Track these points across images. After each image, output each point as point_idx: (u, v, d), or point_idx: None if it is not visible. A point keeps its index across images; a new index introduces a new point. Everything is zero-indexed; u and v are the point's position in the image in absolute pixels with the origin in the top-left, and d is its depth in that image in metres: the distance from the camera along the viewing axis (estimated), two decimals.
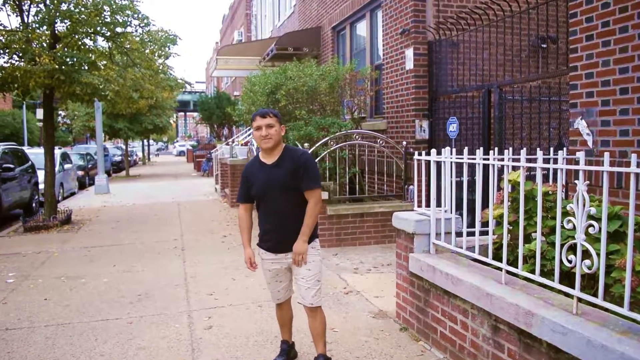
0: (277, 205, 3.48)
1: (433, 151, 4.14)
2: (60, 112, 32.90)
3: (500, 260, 3.38)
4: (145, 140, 42.49)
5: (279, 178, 3.45)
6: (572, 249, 2.82)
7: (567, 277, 3.03)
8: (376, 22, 9.93)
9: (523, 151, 3.26)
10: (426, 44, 8.24)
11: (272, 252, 3.58)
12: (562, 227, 2.89)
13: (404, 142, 8.15)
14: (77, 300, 5.64)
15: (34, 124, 44.32)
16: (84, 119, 23.83)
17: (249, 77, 9.71)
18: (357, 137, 8.05)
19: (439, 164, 4.14)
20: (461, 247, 3.84)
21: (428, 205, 4.25)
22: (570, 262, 2.77)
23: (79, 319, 5.04)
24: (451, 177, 3.97)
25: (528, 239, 3.38)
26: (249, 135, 14.96)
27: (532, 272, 3.16)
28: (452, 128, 7.41)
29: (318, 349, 3.65)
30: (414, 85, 8.23)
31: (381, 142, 8.18)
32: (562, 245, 2.87)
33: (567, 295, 2.88)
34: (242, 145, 13.23)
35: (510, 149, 3.57)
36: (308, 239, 3.49)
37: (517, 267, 3.22)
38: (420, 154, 4.45)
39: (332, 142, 7.83)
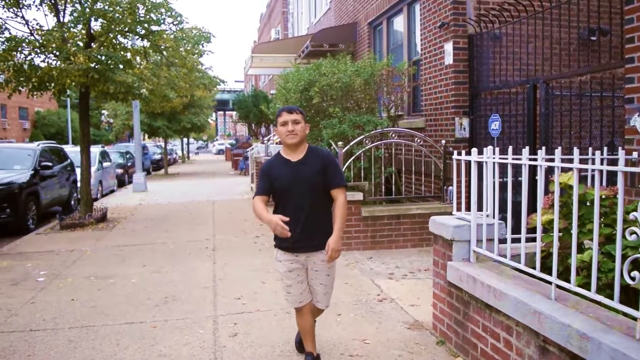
0: (301, 202, 3.43)
1: (474, 150, 3.81)
2: (103, 111, 33.58)
3: (548, 272, 3.04)
4: (184, 139, 43.06)
5: (307, 175, 3.43)
6: (635, 263, 2.46)
7: (625, 291, 2.67)
8: (414, 16, 9.57)
9: (576, 151, 2.91)
10: (466, 38, 7.84)
11: (291, 252, 3.53)
12: (623, 237, 2.53)
13: (443, 141, 7.78)
14: (103, 302, 5.52)
15: (77, 123, 45.51)
16: (124, 118, 24.14)
17: (283, 75, 9.49)
18: (393, 135, 7.73)
19: (480, 165, 3.81)
20: (504, 256, 3.50)
21: (468, 209, 3.92)
22: (633, 279, 2.42)
23: (103, 322, 4.91)
24: (494, 178, 3.63)
25: (579, 248, 3.03)
26: None
27: (585, 286, 2.81)
28: (495, 126, 7.01)
29: (309, 347, 3.70)
30: (453, 81, 7.85)
31: (419, 140, 7.83)
32: (623, 257, 2.52)
33: (626, 314, 2.53)
34: (276, 143, 13.05)
35: (560, 148, 3.21)
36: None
37: (567, 281, 2.87)
38: (460, 154, 4.11)
39: (367, 141, 7.54)
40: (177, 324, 4.80)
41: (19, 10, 9.63)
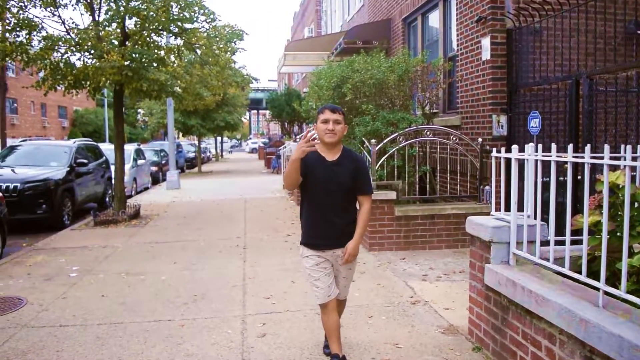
0: (331, 200, 3.51)
1: (514, 148, 3.61)
2: (139, 110, 34.14)
3: (594, 277, 2.83)
4: (218, 138, 43.45)
5: (341, 176, 3.49)
6: None
7: None
8: (450, 11, 9.33)
9: (628, 148, 2.70)
10: (505, 32, 7.57)
11: (318, 250, 3.57)
12: None
13: (480, 139, 7.54)
14: (133, 298, 5.50)
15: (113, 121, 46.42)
16: (158, 116, 24.45)
17: (315, 72, 9.37)
18: (428, 133, 7.53)
19: (521, 163, 3.60)
20: (547, 259, 3.29)
21: (507, 209, 3.72)
22: None
23: (131, 319, 4.88)
24: (535, 177, 3.43)
25: (629, 252, 2.81)
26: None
27: (635, 292, 2.60)
28: (534, 123, 6.73)
29: (334, 348, 3.59)
30: (490, 77, 7.59)
31: (454, 138, 7.61)
32: None
33: None
34: None
35: (607, 145, 2.99)
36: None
37: (615, 287, 2.66)
38: (498, 152, 3.91)
39: (401, 139, 7.36)
40: (205, 322, 4.72)
41: (56, 9, 9.77)
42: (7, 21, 9.03)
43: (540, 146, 3.47)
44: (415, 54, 10.31)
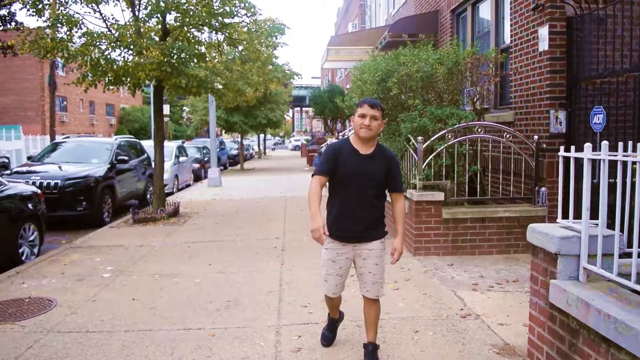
0: (360, 193, 3.50)
1: (587, 146, 3.11)
2: (184, 107, 34.41)
3: None
4: (261, 135, 43.50)
5: (373, 171, 3.51)
6: None
7: None
8: (502, 0, 8.73)
9: None
10: (564, 21, 6.96)
11: (340, 241, 3.57)
12: None
13: (535, 137, 6.96)
14: (164, 303, 5.24)
15: None
16: (201, 113, 24.49)
17: (359, 66, 8.95)
18: (479, 130, 7.00)
19: (578, 163, 3.12)
20: (626, 276, 2.80)
21: (576, 216, 3.23)
22: None
23: (160, 326, 4.60)
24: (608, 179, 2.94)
25: None
26: None
27: None
28: (598, 119, 6.13)
29: (369, 336, 3.70)
30: (548, 70, 7.00)
31: (508, 136, 7.05)
32: None
33: None
34: None
35: None
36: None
37: None
38: (558, 150, 3.42)
39: (450, 136, 6.87)
40: (236, 332, 4.40)
41: (97, 5, 9.68)
42: (47, 17, 8.96)
43: (606, 145, 2.98)
44: (464, 47, 9.75)
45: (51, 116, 28.10)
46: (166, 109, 42.71)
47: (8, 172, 10.85)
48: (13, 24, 10.08)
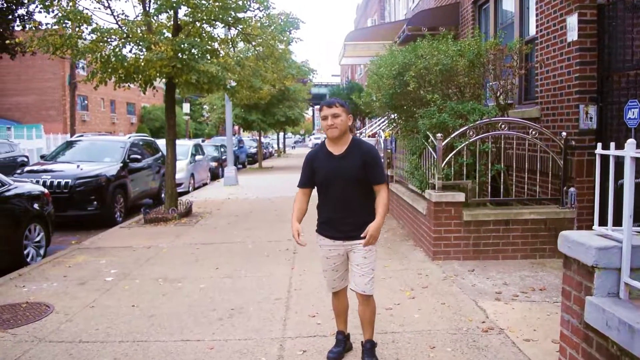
0: (341, 193, 3.54)
1: (631, 142, 2.69)
2: (204, 106, 34.30)
3: None
4: (281, 133, 43.27)
5: (348, 170, 3.51)
6: None
7: None
8: None
9: None
10: (595, 8, 6.47)
11: (331, 239, 3.62)
12: None
13: (564, 133, 6.50)
14: (164, 310, 4.94)
15: (180, 117, 47.31)
16: (219, 111, 24.27)
17: (375, 60, 8.55)
18: (502, 126, 6.56)
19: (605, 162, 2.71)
20: None
21: (615, 222, 2.82)
22: None
23: (157, 337, 4.30)
24: None
25: None
26: (379, 126, 13.85)
27: None
28: (633, 114, 5.66)
29: (365, 335, 3.71)
30: (577, 61, 6.52)
31: (534, 132, 6.59)
32: None
33: None
34: (369, 137, 12.14)
35: None
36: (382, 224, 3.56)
37: None
38: (597, 147, 3.00)
39: (471, 133, 6.43)
40: (237, 345, 4.07)
41: (107, 0, 9.44)
42: (55, 13, 8.74)
43: None
44: (487, 40, 9.28)
45: (71, 115, 28.21)
46: (186, 108, 42.83)
47: (19, 171, 10.67)
48: (31, 23, 9.86)
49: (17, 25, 18.12)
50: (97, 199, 10.08)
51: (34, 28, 8.90)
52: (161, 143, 13.51)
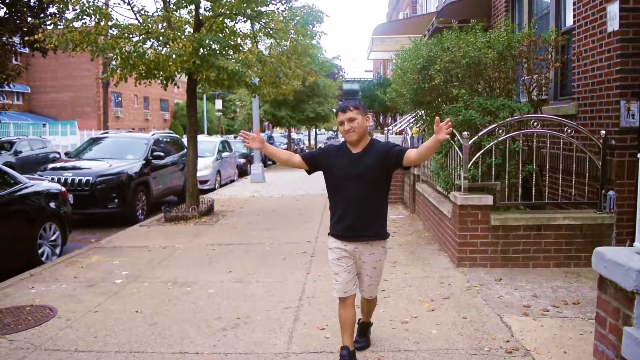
0: (356, 192, 3.47)
1: None
2: (237, 102, 34.31)
3: None
4: (314, 129, 43.02)
5: (363, 167, 3.47)
6: None
7: None
8: None
9: None
10: None
11: (342, 240, 3.54)
12: None
13: (603, 132, 5.99)
14: (168, 318, 4.69)
15: (213, 113, 47.57)
16: (248, 107, 24.17)
17: (399, 53, 8.13)
18: (535, 124, 6.08)
19: None
20: None
21: None
22: None
23: (155, 347, 4.05)
24: None
25: None
26: (406, 123, 13.41)
27: None
28: None
29: (362, 318, 3.89)
30: (619, 53, 5.99)
31: (569, 130, 6.10)
32: None
33: None
34: (396, 134, 11.73)
35: None
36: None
37: None
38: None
39: (500, 131, 5.99)
40: None
41: None
42: (73, 9, 8.62)
43: None
44: (520, 31, 8.75)
45: (104, 111, 28.56)
46: (219, 104, 42.98)
47: (42, 168, 10.65)
48: (54, 19, 9.79)
49: (49, 23, 18.35)
50: (119, 196, 9.96)
51: (52, 25, 8.77)
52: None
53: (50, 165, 10.76)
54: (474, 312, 4.54)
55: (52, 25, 9.01)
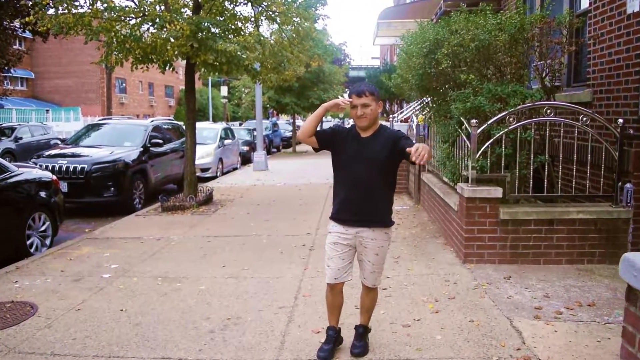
0: (363, 176, 3.41)
1: None
2: (244, 89, 33.96)
3: None
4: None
5: (371, 152, 3.41)
6: None
7: None
8: None
9: None
10: None
11: (343, 225, 3.47)
12: None
13: (620, 120, 5.61)
14: (154, 317, 4.40)
15: (218, 100, 47.25)
16: (252, 94, 23.80)
17: (404, 36, 7.75)
18: (548, 111, 5.71)
19: None
20: None
21: None
22: None
23: (136, 351, 3.76)
24: None
25: None
26: (412, 111, 13.02)
27: None
28: None
29: (361, 319, 3.69)
30: (638, 37, 5.61)
31: (585, 119, 5.72)
32: None
33: None
34: (401, 122, 11.36)
35: None
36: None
37: None
38: None
39: (511, 119, 5.63)
40: None
41: None
42: None
43: None
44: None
45: (108, 97, 28.31)
46: (224, 91, 42.55)
47: (36, 155, 10.37)
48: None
49: (41, 3, 17.96)
50: (115, 185, 9.68)
51: (44, 6, 8.43)
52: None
53: (46, 153, 10.47)
54: (481, 315, 4.22)
55: (44, 7, 8.64)
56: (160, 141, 11.43)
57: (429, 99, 7.84)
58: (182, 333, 4.07)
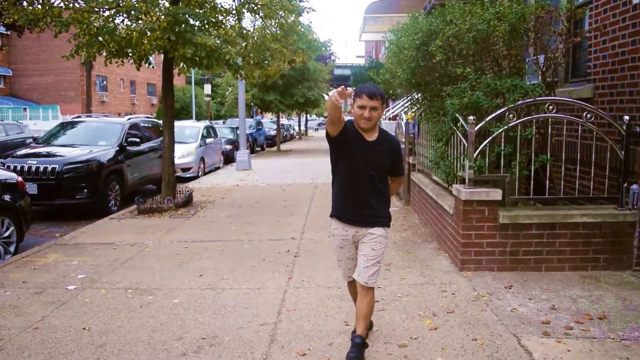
0: (362, 179, 3.43)
1: None
2: (225, 85, 33.39)
3: None
4: (305, 115, 42.09)
5: (378, 156, 3.44)
6: None
7: None
8: None
9: None
10: None
11: (344, 223, 3.51)
12: None
13: (626, 117, 5.25)
14: (119, 337, 3.92)
15: (202, 98, 46.60)
16: (235, 92, 23.24)
17: (395, 28, 7.33)
18: (550, 107, 5.33)
19: None
20: None
21: None
22: None
23: None
24: None
25: None
26: (401, 108, 12.63)
27: None
28: None
29: (358, 330, 3.46)
30: None
31: (589, 116, 5.35)
32: None
33: None
34: (389, 119, 10.94)
35: None
36: None
37: None
38: None
39: (511, 115, 5.23)
40: None
41: None
42: None
43: None
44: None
45: (88, 95, 27.55)
46: (207, 89, 41.86)
47: (4, 155, 9.79)
48: None
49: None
50: (88, 186, 9.15)
51: None
52: (177, 124, 12.47)
53: (16, 152, 9.90)
54: (484, 332, 3.81)
55: None
56: (138, 140, 10.90)
57: (420, 95, 7.44)
58: (149, 356, 3.60)
